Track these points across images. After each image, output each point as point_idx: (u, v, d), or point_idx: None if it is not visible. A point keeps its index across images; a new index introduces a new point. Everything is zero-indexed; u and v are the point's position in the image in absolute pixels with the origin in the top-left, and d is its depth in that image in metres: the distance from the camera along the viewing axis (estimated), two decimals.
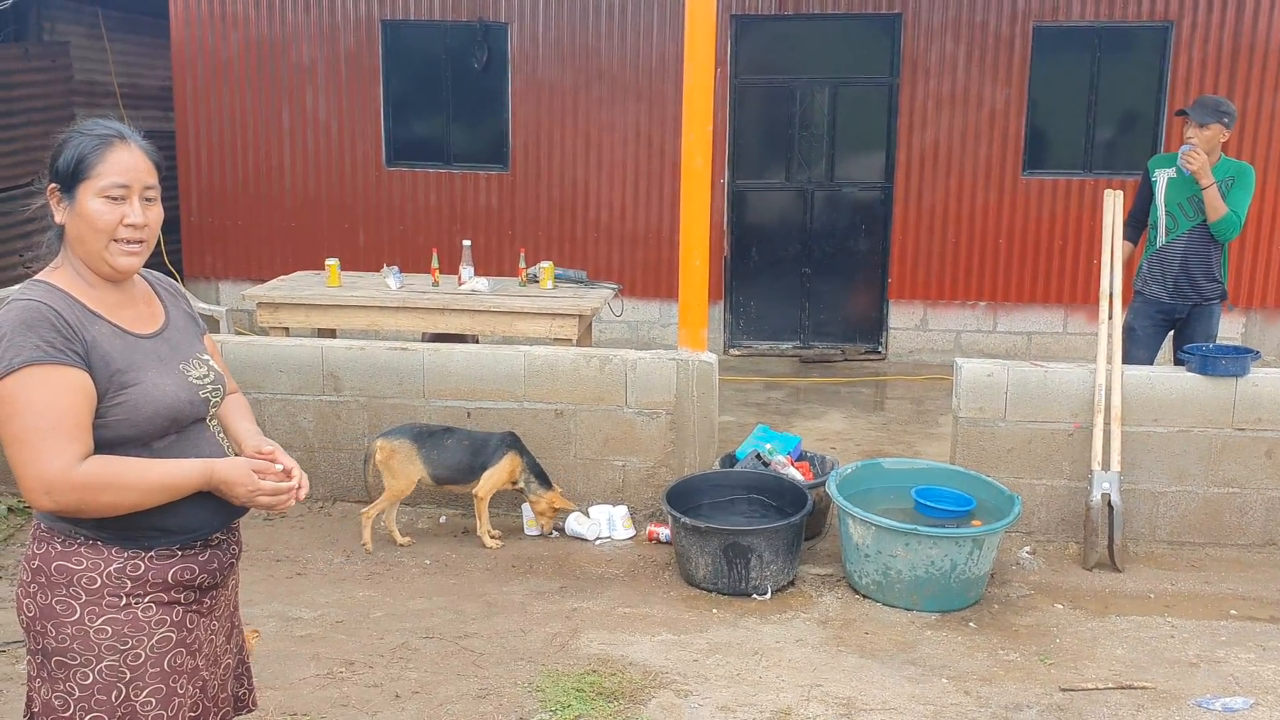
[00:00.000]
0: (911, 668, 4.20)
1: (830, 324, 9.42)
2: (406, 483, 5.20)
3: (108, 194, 2.19)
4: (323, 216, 9.66)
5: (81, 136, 2.22)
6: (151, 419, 2.21)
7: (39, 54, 9.02)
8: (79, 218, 2.20)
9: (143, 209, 2.23)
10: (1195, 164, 5.48)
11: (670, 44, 8.92)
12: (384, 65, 9.41)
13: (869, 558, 4.71)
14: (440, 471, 5.22)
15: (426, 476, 5.22)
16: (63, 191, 2.21)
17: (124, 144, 2.22)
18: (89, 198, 2.19)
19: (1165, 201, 5.71)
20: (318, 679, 4.02)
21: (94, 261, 2.23)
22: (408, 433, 5.26)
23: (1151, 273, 5.82)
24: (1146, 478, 5.33)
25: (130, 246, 2.22)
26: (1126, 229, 5.87)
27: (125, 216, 2.20)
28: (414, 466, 5.19)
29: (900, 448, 6.82)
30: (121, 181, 2.20)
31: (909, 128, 8.95)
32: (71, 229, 2.22)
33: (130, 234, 2.21)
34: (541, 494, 5.27)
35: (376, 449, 5.21)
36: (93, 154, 2.19)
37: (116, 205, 2.20)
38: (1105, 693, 4.04)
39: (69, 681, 2.20)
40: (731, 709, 3.86)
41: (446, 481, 5.27)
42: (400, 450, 5.19)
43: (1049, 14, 8.70)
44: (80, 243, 2.22)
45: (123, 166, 2.20)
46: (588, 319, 6.60)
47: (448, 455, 5.22)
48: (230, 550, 2.39)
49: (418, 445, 5.21)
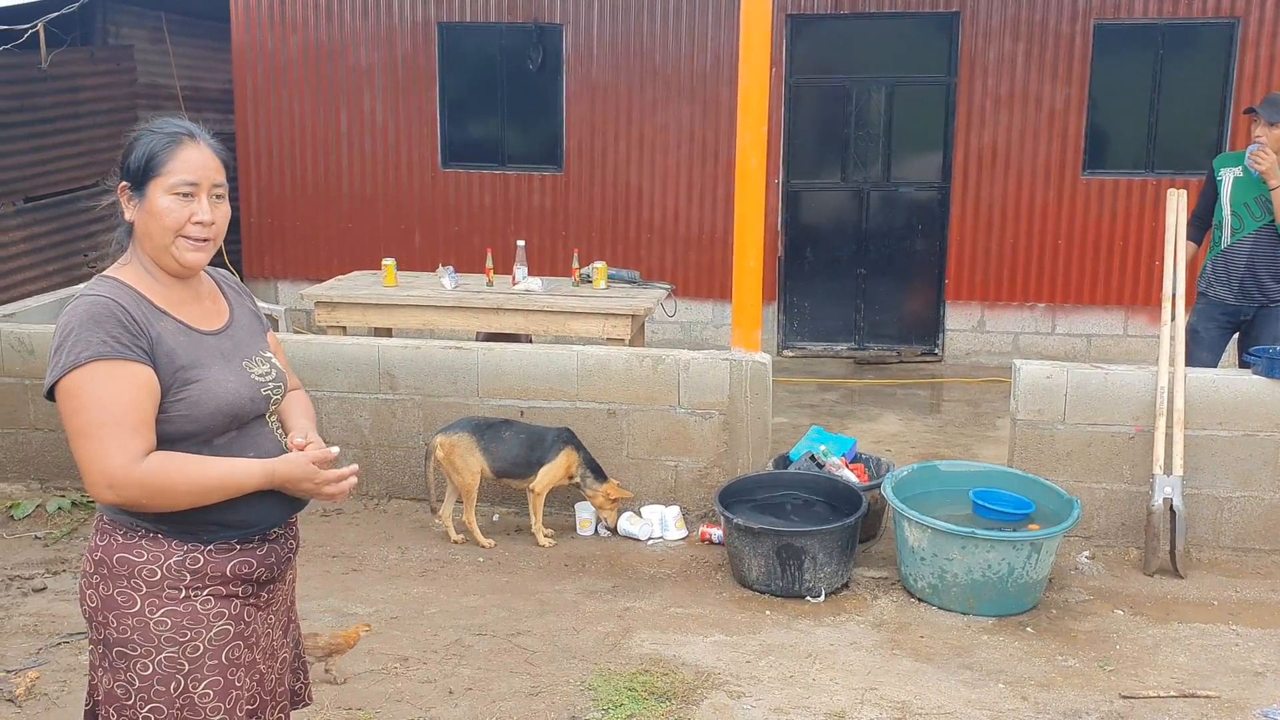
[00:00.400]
0: (967, 672, 4.14)
1: (885, 325, 9.33)
2: (471, 475, 5.22)
3: (177, 191, 2.21)
4: (379, 217, 9.75)
5: (152, 135, 2.25)
6: (213, 415, 2.23)
7: (104, 57, 9.19)
8: (148, 214, 2.23)
9: (211, 206, 2.25)
10: (1264, 164, 5.38)
11: (725, 45, 8.90)
12: (440, 67, 9.48)
13: (924, 561, 4.66)
14: (499, 464, 5.24)
15: (486, 469, 5.24)
16: (133, 189, 2.24)
17: (193, 142, 2.25)
18: (159, 194, 2.21)
19: (1231, 201, 5.61)
20: (372, 674, 4.05)
21: (162, 257, 2.25)
22: (466, 426, 5.29)
23: (1216, 274, 5.71)
24: (1210, 482, 5.22)
25: (197, 243, 2.25)
26: (1190, 229, 5.77)
27: (194, 214, 2.23)
28: (475, 458, 5.22)
29: (956, 450, 6.74)
30: (191, 179, 2.22)
31: (967, 127, 8.84)
32: (140, 225, 2.25)
33: (198, 231, 2.24)
34: (597, 487, 5.28)
35: (437, 445, 5.24)
36: (163, 152, 2.22)
37: (186, 202, 2.22)
38: (1167, 701, 3.96)
39: (129, 671, 2.23)
40: (785, 711, 3.83)
41: (504, 474, 5.29)
42: (460, 444, 5.22)
43: (1110, 11, 8.56)
44: (148, 239, 2.24)
45: (192, 164, 2.23)
46: (641, 319, 6.59)
47: (506, 448, 5.25)
48: (288, 545, 2.41)
49: (477, 438, 5.24)
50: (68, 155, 8.84)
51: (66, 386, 2.13)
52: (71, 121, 8.84)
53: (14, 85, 8.25)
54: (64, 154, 8.80)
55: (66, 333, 2.15)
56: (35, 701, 3.84)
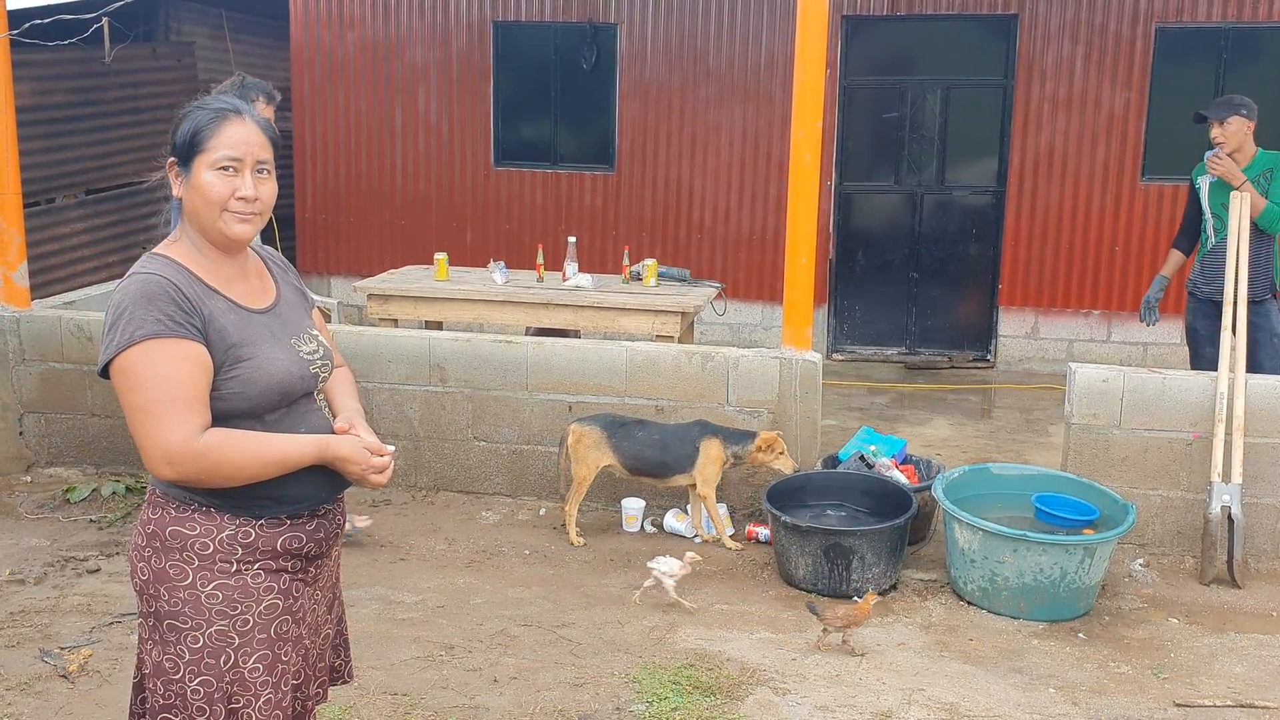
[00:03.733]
0: (1017, 676, 4.09)
1: (937, 330, 9.24)
2: (588, 469, 5.21)
3: (220, 166, 2.23)
4: (431, 215, 9.81)
5: (198, 111, 2.28)
6: (265, 392, 2.25)
7: (166, 54, 9.34)
8: (194, 190, 2.25)
9: (254, 182, 2.27)
10: (1220, 168, 5.53)
11: (779, 45, 8.86)
12: (494, 66, 9.53)
13: (975, 563, 4.60)
14: (630, 460, 5.20)
15: (618, 464, 5.23)
16: (180, 165, 2.27)
17: (239, 118, 2.27)
18: (203, 170, 2.24)
19: (1210, 205, 5.72)
20: (418, 661, 4.07)
21: (209, 232, 2.27)
22: (600, 420, 5.27)
23: (1204, 274, 5.78)
24: (1270, 491, 5.11)
25: (243, 215, 2.26)
26: (1179, 240, 6.08)
27: (237, 190, 2.24)
28: (599, 453, 5.21)
29: (1008, 455, 6.66)
30: (234, 155, 2.24)
31: (1023, 131, 8.74)
32: (188, 201, 2.27)
33: (242, 206, 2.25)
34: (751, 447, 5.14)
35: (569, 432, 5.26)
36: (207, 128, 2.24)
37: (229, 178, 2.24)
38: (1223, 710, 3.89)
39: (180, 644, 2.25)
40: (830, 709, 3.80)
41: (638, 471, 5.24)
42: (589, 436, 5.21)
43: (1173, 15, 8.42)
44: (195, 215, 2.27)
45: (235, 140, 2.24)
46: (690, 317, 6.58)
47: (637, 445, 5.20)
48: (335, 521, 2.42)
49: (607, 433, 5.21)
50: (129, 149, 8.98)
51: (122, 365, 2.16)
52: (132, 116, 8.99)
53: (78, 80, 8.41)
54: (125, 148, 8.94)
55: (120, 311, 2.18)
56: (88, 678, 3.90)
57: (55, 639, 4.20)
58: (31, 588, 4.68)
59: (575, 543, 5.23)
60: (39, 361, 6.11)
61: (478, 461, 5.82)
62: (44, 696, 3.79)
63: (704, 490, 5.17)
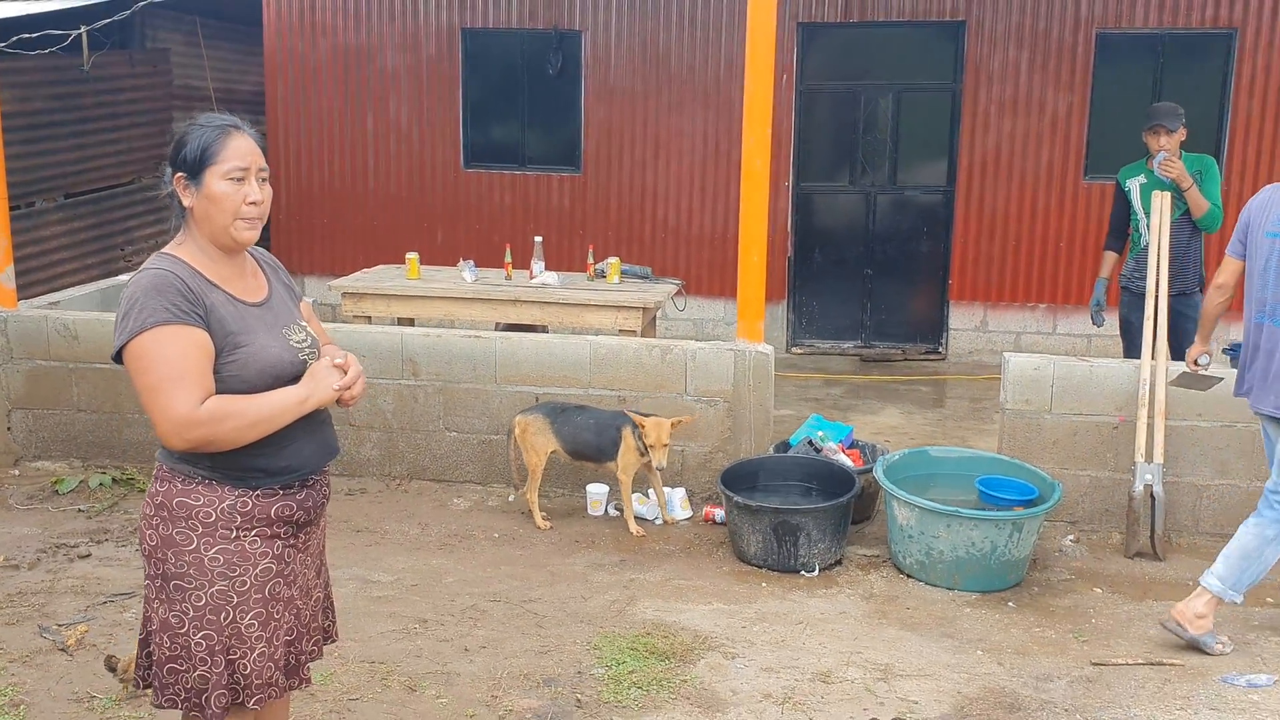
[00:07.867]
0: (949, 640, 4.43)
1: (891, 324, 9.62)
2: (537, 455, 5.55)
3: (230, 176, 2.53)
4: (403, 216, 10.09)
5: (203, 129, 2.57)
6: (260, 375, 2.55)
7: (142, 60, 9.57)
8: (207, 199, 2.54)
9: (259, 187, 2.58)
10: (1175, 170, 5.83)
11: (738, 52, 9.17)
12: (464, 72, 9.82)
13: (912, 538, 4.95)
14: (569, 445, 5.55)
15: (560, 449, 5.56)
16: (189, 178, 2.56)
17: (239, 132, 2.58)
18: (215, 181, 2.53)
19: (1143, 205, 6.06)
20: (394, 634, 4.37)
21: (220, 237, 2.57)
22: (542, 409, 5.62)
23: (1139, 269, 6.09)
24: (1190, 471, 5.49)
25: (251, 221, 2.57)
26: (1110, 241, 6.45)
27: (246, 195, 2.55)
28: (544, 439, 5.55)
29: (953, 441, 7.01)
30: (242, 164, 2.54)
31: (971, 132, 9.12)
32: (199, 210, 2.56)
33: (251, 211, 2.56)
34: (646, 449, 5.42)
35: (515, 424, 5.59)
36: (215, 142, 2.54)
37: (239, 186, 2.54)
38: (1135, 668, 4.24)
39: (184, 602, 2.54)
40: (775, 670, 4.13)
41: (577, 455, 5.59)
42: (533, 425, 5.56)
43: (1113, 21, 8.83)
44: (208, 221, 2.56)
45: (241, 151, 2.55)
46: (651, 312, 6.90)
47: (575, 430, 5.54)
48: (322, 491, 2.73)
49: (550, 420, 5.57)
50: (106, 154, 9.22)
51: (135, 348, 2.45)
52: (110, 121, 9.22)
53: (57, 86, 8.63)
54: (103, 153, 9.18)
55: (133, 301, 2.48)
56: (85, 651, 4.18)
57: (53, 617, 4.47)
58: (26, 572, 4.94)
59: (541, 527, 5.54)
60: (26, 360, 6.36)
61: (449, 451, 6.12)
62: (45, 668, 4.06)
63: (621, 476, 5.51)
